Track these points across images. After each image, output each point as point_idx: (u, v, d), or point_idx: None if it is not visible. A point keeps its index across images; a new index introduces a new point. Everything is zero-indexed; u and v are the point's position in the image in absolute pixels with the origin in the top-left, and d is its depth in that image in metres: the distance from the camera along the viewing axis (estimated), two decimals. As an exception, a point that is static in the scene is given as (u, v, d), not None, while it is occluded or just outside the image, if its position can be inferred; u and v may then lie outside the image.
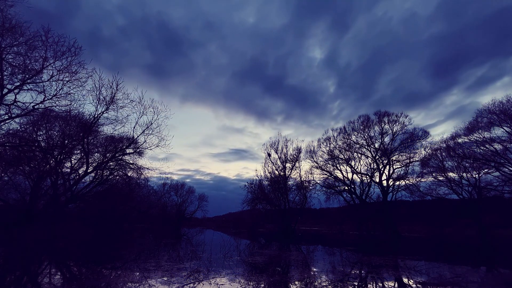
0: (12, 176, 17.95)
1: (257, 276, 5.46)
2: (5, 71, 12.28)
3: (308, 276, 5.75)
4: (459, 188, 26.42)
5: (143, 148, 20.29)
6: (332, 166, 31.96)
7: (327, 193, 31.92)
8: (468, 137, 24.93)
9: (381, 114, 29.89)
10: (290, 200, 29.87)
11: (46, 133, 17.04)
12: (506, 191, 23.71)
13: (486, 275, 6.52)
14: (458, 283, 5.17)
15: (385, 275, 6.02)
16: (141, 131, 19.33)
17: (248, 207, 30.45)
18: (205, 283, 4.71)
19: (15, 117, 13.52)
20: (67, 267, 6.41)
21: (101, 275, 5.29)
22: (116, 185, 21.59)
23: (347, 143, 31.19)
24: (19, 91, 12.98)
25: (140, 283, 4.67)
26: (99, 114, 17.28)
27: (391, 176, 29.43)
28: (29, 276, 5.29)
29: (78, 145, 18.19)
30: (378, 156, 30.17)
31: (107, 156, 20.13)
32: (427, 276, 5.96)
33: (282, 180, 30.00)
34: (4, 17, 11.36)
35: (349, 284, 5.08)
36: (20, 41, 11.90)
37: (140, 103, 18.56)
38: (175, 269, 6.01)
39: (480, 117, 24.07)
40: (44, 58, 12.67)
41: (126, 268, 6.14)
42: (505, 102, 22.55)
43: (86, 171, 18.83)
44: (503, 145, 22.68)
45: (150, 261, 7.30)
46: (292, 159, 30.65)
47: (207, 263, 6.98)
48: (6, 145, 13.54)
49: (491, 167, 23.80)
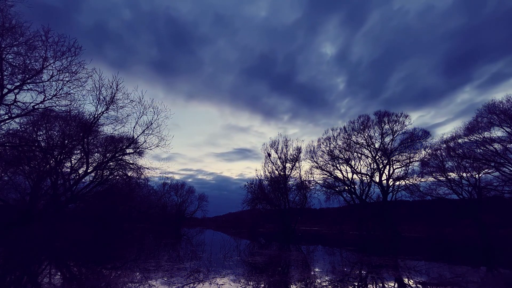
0: (12, 176, 17.95)
1: (257, 276, 5.46)
2: (5, 71, 12.27)
3: (308, 276, 5.75)
4: (459, 188, 26.42)
5: (143, 148, 20.29)
6: (332, 166, 32.00)
7: (327, 193, 31.96)
8: (468, 137, 24.95)
9: (381, 114, 29.91)
10: (290, 200, 29.89)
11: (46, 133, 17.04)
12: (506, 191, 23.71)
13: (486, 275, 6.52)
14: (458, 283, 5.17)
15: (385, 275, 6.02)
16: (141, 131, 19.32)
17: (248, 207, 30.47)
18: (205, 283, 4.71)
19: (15, 117, 13.52)
20: (67, 267, 6.40)
21: (101, 275, 5.29)
22: (116, 185, 21.59)
23: (347, 143, 31.21)
24: (19, 91, 12.98)
25: (140, 283, 4.67)
26: (99, 114, 17.29)
27: (391, 176, 29.46)
28: (29, 276, 5.29)
29: (78, 145, 18.19)
30: (378, 156, 30.19)
31: (107, 156, 20.12)
32: (427, 276, 5.96)
33: (282, 180, 30.01)
34: (4, 17, 11.36)
35: (349, 284, 5.08)
36: (20, 41, 11.90)
37: (140, 103, 18.57)
38: (175, 269, 6.01)
39: (480, 117, 24.09)
40: (44, 58, 12.68)
41: (126, 268, 6.14)
42: (505, 102, 22.58)
43: (86, 171, 18.82)
44: (503, 145, 22.68)
45: (150, 261, 7.29)
46: (292, 159, 30.68)
47: (207, 263, 6.98)
48: (6, 145, 13.54)
49: (491, 167, 23.81)
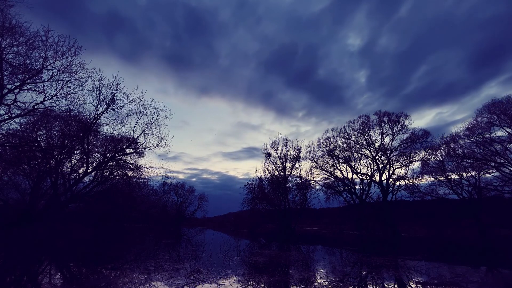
0: (12, 176, 17.98)
1: (257, 276, 5.46)
2: (5, 71, 12.28)
3: (308, 276, 5.75)
4: (459, 188, 26.42)
5: (143, 148, 20.31)
6: (332, 166, 31.97)
7: (327, 193, 31.93)
8: (468, 137, 24.95)
9: (381, 114, 29.92)
10: (290, 200, 29.92)
11: (46, 133, 17.05)
12: (506, 191, 23.71)
13: (486, 275, 6.52)
14: (458, 283, 5.17)
15: (385, 275, 6.02)
16: (141, 131, 19.36)
17: (248, 207, 30.50)
18: (205, 283, 4.71)
19: (15, 117, 13.53)
20: (67, 267, 6.40)
21: (101, 275, 5.29)
22: (116, 185, 21.60)
23: (347, 143, 31.20)
24: (19, 91, 12.99)
25: (140, 283, 4.67)
26: (99, 114, 17.30)
27: (391, 176, 29.44)
28: (29, 276, 5.29)
29: (78, 145, 18.20)
30: (378, 156, 30.18)
31: (107, 156, 20.13)
32: (427, 276, 5.96)
33: (282, 180, 30.03)
34: (4, 17, 11.36)
35: (349, 284, 5.08)
36: (20, 41, 11.91)
37: (140, 103, 18.59)
38: (175, 269, 6.01)
39: (480, 117, 24.11)
40: (44, 58, 12.69)
41: (126, 268, 6.14)
42: (505, 102, 22.57)
43: (86, 171, 18.83)
44: (503, 145, 22.68)
45: (150, 261, 7.29)
46: (292, 159, 30.71)
47: (207, 263, 6.98)
48: (6, 145, 13.55)
49: (491, 167, 23.81)
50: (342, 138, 31.38)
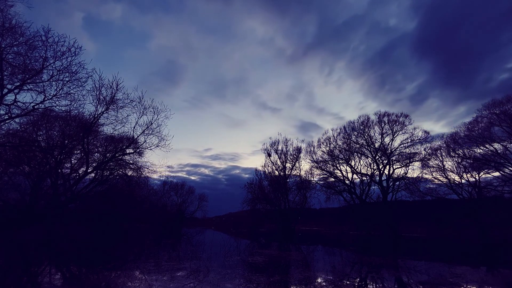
0: (12, 176, 17.96)
1: (257, 276, 5.46)
2: (5, 71, 12.27)
3: (308, 276, 5.75)
4: (459, 188, 26.39)
5: (143, 148, 20.27)
6: (332, 166, 31.93)
7: (327, 193, 31.88)
8: (468, 137, 24.93)
9: (381, 114, 29.93)
10: (290, 200, 29.91)
11: (46, 133, 17.04)
12: (506, 191, 23.68)
13: (486, 275, 6.52)
14: (458, 283, 5.17)
15: (385, 275, 6.02)
16: (141, 131, 19.30)
17: (248, 207, 30.50)
18: (205, 283, 4.71)
19: (15, 117, 13.52)
20: (67, 267, 6.40)
21: (101, 275, 5.29)
22: (116, 185, 21.60)
23: (347, 143, 31.17)
24: (19, 91, 12.98)
25: (140, 283, 4.67)
26: (99, 114, 17.27)
27: (391, 176, 29.43)
28: (29, 276, 5.29)
29: (78, 145, 18.19)
30: (378, 156, 30.17)
31: (107, 156, 20.12)
32: (427, 276, 5.96)
33: (282, 180, 30.02)
34: (4, 17, 11.36)
35: (349, 284, 5.08)
36: (20, 41, 11.89)
37: (140, 103, 18.52)
38: (175, 269, 6.01)
39: (480, 117, 24.07)
40: (44, 58, 12.66)
41: (126, 268, 6.14)
42: (505, 102, 22.54)
43: (86, 171, 18.82)
44: (503, 145, 22.67)
45: (150, 261, 7.29)
46: (292, 159, 30.71)
47: (207, 263, 6.98)
48: (6, 145, 13.54)
49: (491, 167, 23.79)
50: (342, 138, 31.37)
